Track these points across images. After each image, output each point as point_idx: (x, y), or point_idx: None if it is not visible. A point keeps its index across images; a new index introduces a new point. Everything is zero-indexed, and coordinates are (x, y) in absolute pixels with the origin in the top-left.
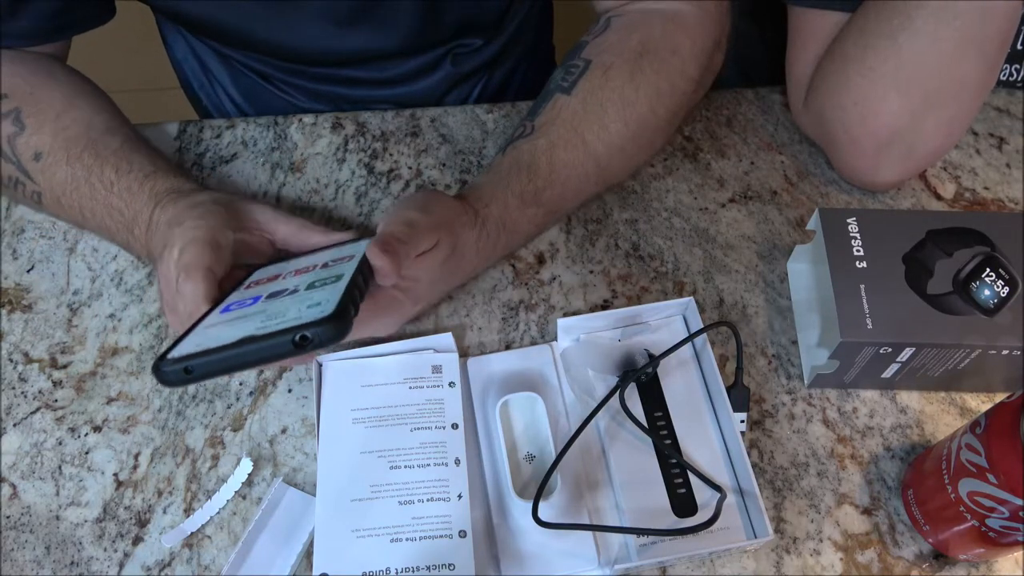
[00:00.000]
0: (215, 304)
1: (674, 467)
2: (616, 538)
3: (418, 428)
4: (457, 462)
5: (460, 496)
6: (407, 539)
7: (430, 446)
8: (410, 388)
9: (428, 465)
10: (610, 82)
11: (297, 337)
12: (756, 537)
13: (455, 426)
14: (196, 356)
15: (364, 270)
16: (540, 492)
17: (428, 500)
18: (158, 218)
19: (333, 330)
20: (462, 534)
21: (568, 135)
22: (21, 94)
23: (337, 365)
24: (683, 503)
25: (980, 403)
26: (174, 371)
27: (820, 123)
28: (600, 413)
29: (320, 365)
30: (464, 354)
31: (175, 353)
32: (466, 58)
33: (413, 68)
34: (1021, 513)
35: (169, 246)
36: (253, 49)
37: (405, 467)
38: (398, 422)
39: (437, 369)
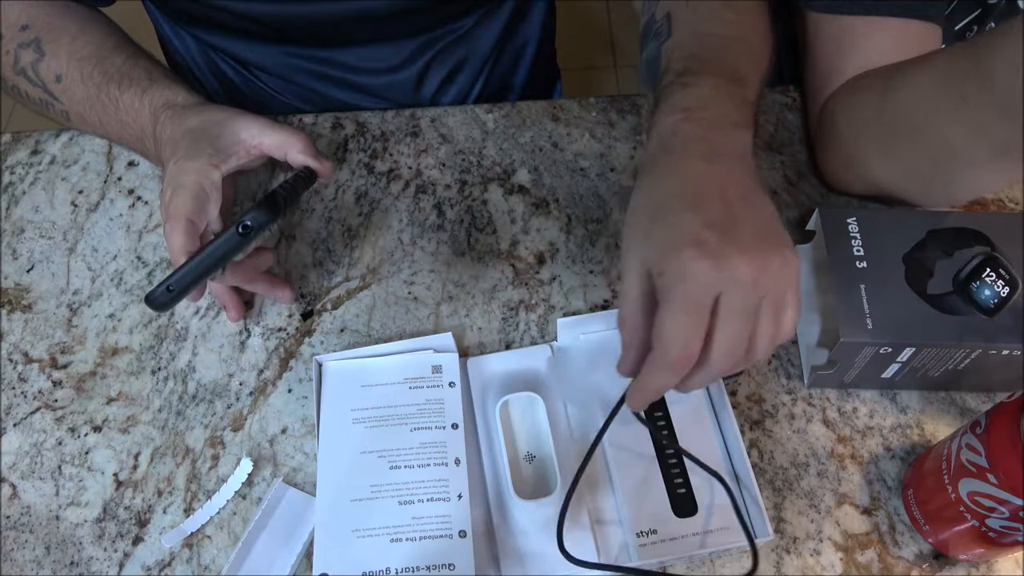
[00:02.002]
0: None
1: (674, 467)
2: (616, 538)
3: (418, 428)
4: (457, 462)
5: (460, 496)
6: (407, 539)
7: (430, 446)
8: (410, 388)
9: (428, 465)
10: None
11: (239, 228)
12: (756, 537)
13: (455, 426)
14: (171, 276)
15: (297, 180)
16: (561, 525)
17: (428, 500)
18: (159, 133)
19: (264, 210)
20: (462, 534)
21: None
22: (40, 23)
23: (337, 365)
24: (683, 503)
25: (980, 403)
26: (159, 292)
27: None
28: (599, 413)
29: (320, 365)
30: (464, 354)
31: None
32: (457, 44)
33: (407, 52)
34: (1021, 513)
35: (165, 181)
36: (245, 19)
37: (405, 467)
38: (398, 422)
39: (437, 369)
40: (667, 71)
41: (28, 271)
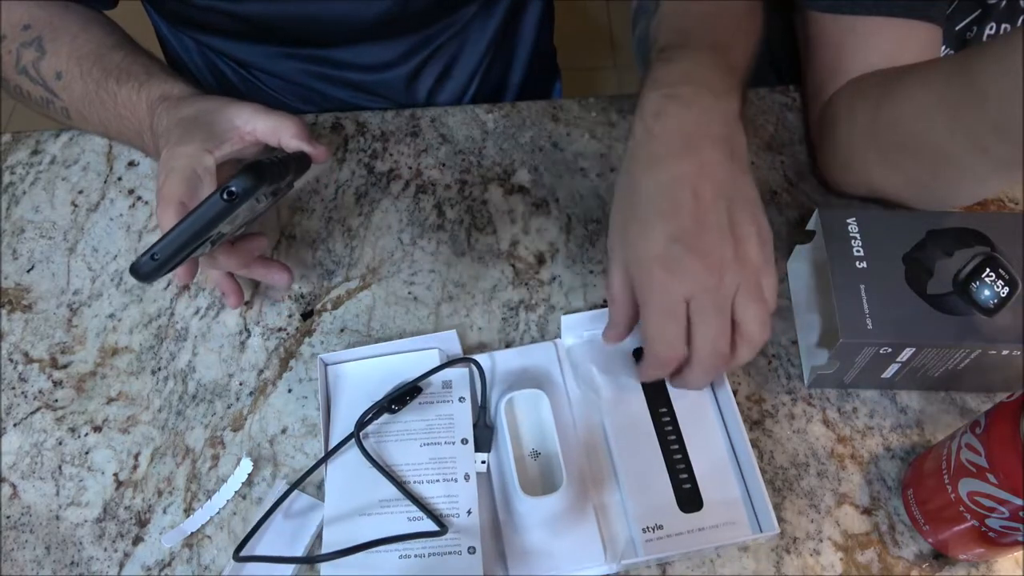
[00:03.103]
0: None
1: (679, 462)
2: (622, 533)
3: (427, 444)
4: (467, 477)
5: (469, 512)
6: (416, 555)
7: (439, 462)
8: (420, 403)
9: (437, 481)
10: None
11: (224, 193)
12: (762, 531)
13: (464, 441)
14: (157, 243)
15: (289, 158)
16: None
17: (437, 516)
18: (156, 126)
19: (250, 176)
20: (471, 550)
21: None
22: (42, 23)
23: (346, 371)
24: (688, 498)
25: (980, 403)
26: (144, 261)
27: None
28: (604, 410)
29: (325, 364)
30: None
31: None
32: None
33: (401, 50)
34: (1021, 513)
35: (159, 168)
36: (236, 19)
37: (414, 483)
38: (407, 437)
39: (447, 385)
40: (653, 46)
41: (28, 271)
